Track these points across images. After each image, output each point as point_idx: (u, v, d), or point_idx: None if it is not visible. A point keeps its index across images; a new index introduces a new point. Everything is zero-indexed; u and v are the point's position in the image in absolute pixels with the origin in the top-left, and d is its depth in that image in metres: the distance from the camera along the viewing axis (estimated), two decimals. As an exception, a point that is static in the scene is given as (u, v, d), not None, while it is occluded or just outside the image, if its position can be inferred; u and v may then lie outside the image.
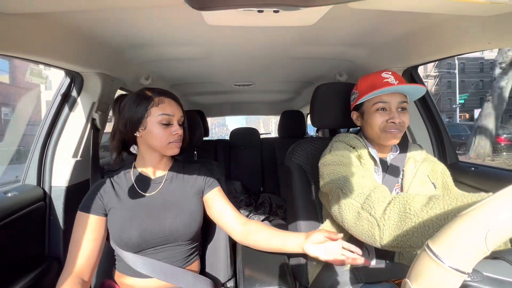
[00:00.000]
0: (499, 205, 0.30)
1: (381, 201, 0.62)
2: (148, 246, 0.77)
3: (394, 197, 0.62)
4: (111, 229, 0.77)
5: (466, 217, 0.32)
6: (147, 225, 0.76)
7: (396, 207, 0.59)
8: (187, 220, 0.80)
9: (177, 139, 0.80)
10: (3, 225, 0.83)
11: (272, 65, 1.42)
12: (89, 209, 0.76)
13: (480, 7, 0.66)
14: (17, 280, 0.85)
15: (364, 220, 0.63)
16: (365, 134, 0.88)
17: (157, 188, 0.83)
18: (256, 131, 2.53)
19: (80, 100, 1.09)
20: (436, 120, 1.28)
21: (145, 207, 0.79)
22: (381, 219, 0.60)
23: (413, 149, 0.91)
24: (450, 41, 0.89)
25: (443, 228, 0.33)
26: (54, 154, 1.07)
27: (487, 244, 0.30)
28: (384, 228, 0.59)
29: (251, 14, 0.69)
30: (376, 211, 0.61)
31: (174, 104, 0.81)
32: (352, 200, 0.68)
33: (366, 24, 0.90)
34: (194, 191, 0.86)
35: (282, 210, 1.90)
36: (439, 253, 0.32)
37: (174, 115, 0.79)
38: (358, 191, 0.68)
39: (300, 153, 1.02)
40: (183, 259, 0.82)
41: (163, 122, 0.77)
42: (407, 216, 0.56)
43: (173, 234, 0.79)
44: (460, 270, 0.31)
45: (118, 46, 1.02)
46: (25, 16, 0.67)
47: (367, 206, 0.64)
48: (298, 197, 0.98)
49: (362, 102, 0.85)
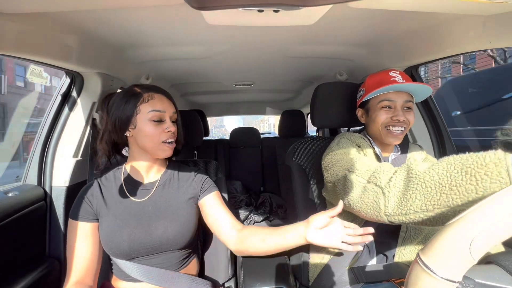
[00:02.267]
0: (482, 214, 0.31)
1: (387, 171, 0.61)
2: (139, 255, 0.74)
3: (401, 167, 0.60)
4: (101, 236, 0.73)
5: (451, 228, 0.32)
6: (136, 234, 0.72)
7: (401, 174, 0.58)
8: (179, 229, 0.75)
9: (170, 137, 0.75)
10: (3, 225, 0.83)
11: (272, 64, 1.42)
12: (78, 216, 0.72)
13: (480, 7, 0.66)
14: (18, 280, 0.85)
15: (369, 192, 0.62)
16: (369, 131, 0.89)
17: (148, 194, 0.77)
18: (256, 130, 2.52)
19: (80, 100, 1.09)
20: (437, 120, 1.28)
21: (135, 215, 0.74)
22: (386, 187, 0.58)
23: (413, 150, 0.91)
24: (451, 41, 0.89)
25: (432, 239, 0.34)
26: (54, 154, 1.07)
27: (472, 254, 0.30)
28: (389, 196, 0.57)
29: (251, 13, 0.69)
30: (382, 181, 0.60)
31: (165, 100, 0.76)
32: (358, 177, 0.67)
33: (366, 24, 0.89)
34: (188, 197, 0.80)
35: (282, 210, 1.90)
36: (429, 264, 0.33)
37: (166, 111, 0.75)
38: (365, 169, 0.67)
39: (300, 153, 1.02)
40: (178, 263, 0.79)
41: (154, 119, 0.73)
42: (410, 180, 0.54)
43: (164, 244, 0.74)
44: (450, 279, 0.31)
45: (118, 45, 1.02)
46: (25, 16, 0.67)
47: (373, 178, 0.62)
48: (298, 197, 0.98)
49: (368, 99, 0.85)
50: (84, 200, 0.74)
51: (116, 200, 0.75)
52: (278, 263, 0.83)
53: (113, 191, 0.76)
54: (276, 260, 0.85)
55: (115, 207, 0.74)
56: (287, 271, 0.82)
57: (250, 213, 1.79)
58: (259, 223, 1.71)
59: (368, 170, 0.66)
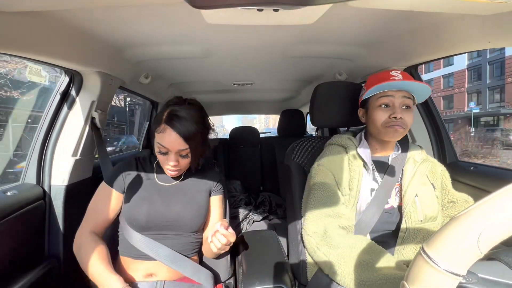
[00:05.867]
0: (492, 207, 0.31)
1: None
2: (155, 227, 0.81)
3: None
4: (124, 205, 0.83)
5: (459, 220, 0.32)
6: (156, 206, 0.82)
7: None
8: (194, 211, 0.85)
9: (172, 170, 0.81)
10: (2, 224, 0.83)
11: (271, 64, 1.42)
12: (113, 184, 0.84)
13: (480, 6, 0.66)
14: (17, 279, 0.85)
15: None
16: (369, 131, 0.89)
17: (175, 181, 0.89)
18: (255, 130, 2.52)
19: (79, 99, 1.08)
20: (435, 119, 1.28)
21: (159, 191, 0.85)
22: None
23: (413, 150, 0.91)
24: (450, 40, 0.89)
25: (438, 232, 0.34)
26: (53, 153, 1.07)
27: (480, 247, 0.30)
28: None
29: (251, 12, 0.69)
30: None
31: (174, 137, 0.76)
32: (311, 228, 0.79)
33: (366, 23, 0.89)
34: (205, 188, 0.91)
35: (281, 209, 1.90)
36: (433, 256, 0.32)
37: (171, 150, 0.77)
38: (316, 227, 0.78)
39: (299, 152, 1.02)
40: (183, 251, 0.85)
41: (160, 151, 0.79)
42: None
43: (178, 221, 0.83)
44: (455, 272, 0.31)
45: (117, 44, 1.02)
46: (24, 14, 0.67)
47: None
48: (297, 196, 0.98)
49: (367, 98, 0.85)
50: (121, 173, 0.85)
51: (145, 179, 0.87)
52: (277, 262, 0.83)
53: (146, 171, 0.88)
54: (275, 259, 0.85)
55: (144, 183, 0.86)
56: (286, 270, 0.82)
57: (249, 212, 1.79)
58: (258, 223, 1.71)
59: (317, 232, 0.77)
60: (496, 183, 0.98)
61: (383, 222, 0.83)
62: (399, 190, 0.86)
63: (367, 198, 0.84)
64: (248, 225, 1.66)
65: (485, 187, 1.01)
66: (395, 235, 0.83)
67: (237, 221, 1.66)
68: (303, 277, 0.89)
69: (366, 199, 0.83)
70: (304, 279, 0.89)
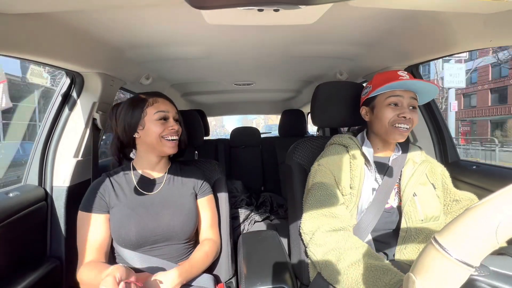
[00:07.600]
0: (511, 198, 0.30)
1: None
2: (146, 243, 0.80)
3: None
4: (111, 226, 0.80)
5: (477, 209, 0.31)
6: (146, 222, 0.80)
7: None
8: (184, 219, 0.84)
9: (174, 134, 0.84)
10: (4, 225, 0.84)
11: (272, 64, 1.42)
12: (91, 209, 0.79)
13: (481, 5, 0.65)
14: (19, 280, 0.86)
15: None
16: (373, 129, 0.88)
17: (157, 188, 0.87)
18: (256, 130, 2.52)
19: (80, 100, 1.09)
20: (437, 118, 1.28)
21: (144, 206, 0.82)
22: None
23: (413, 151, 0.92)
24: (452, 39, 0.89)
25: (452, 221, 0.33)
26: (55, 154, 1.07)
27: (498, 237, 0.29)
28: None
29: (251, 13, 0.69)
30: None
31: (167, 103, 0.87)
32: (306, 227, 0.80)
33: (367, 22, 0.89)
34: (190, 192, 0.90)
35: (283, 209, 1.90)
36: (446, 245, 0.31)
37: (169, 112, 0.85)
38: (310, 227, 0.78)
39: (300, 152, 1.02)
40: (179, 256, 0.85)
41: (160, 118, 0.82)
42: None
43: (169, 232, 0.82)
44: (468, 263, 0.30)
45: (118, 46, 1.02)
46: (25, 16, 0.67)
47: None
48: (298, 196, 0.97)
49: (374, 96, 0.85)
50: (97, 194, 0.81)
51: (127, 193, 0.83)
52: (278, 262, 0.83)
53: (123, 185, 0.85)
54: (276, 259, 0.85)
55: (125, 199, 0.82)
56: (287, 270, 0.82)
57: (250, 212, 1.78)
58: (259, 223, 1.71)
59: (310, 232, 0.77)
60: (498, 182, 0.97)
61: (383, 221, 0.83)
62: (398, 191, 0.86)
63: (369, 197, 0.83)
64: (249, 226, 1.66)
65: (487, 186, 1.00)
66: (396, 234, 0.83)
67: (238, 221, 1.66)
68: (304, 277, 0.89)
69: (368, 198, 0.83)
70: (306, 279, 0.89)
